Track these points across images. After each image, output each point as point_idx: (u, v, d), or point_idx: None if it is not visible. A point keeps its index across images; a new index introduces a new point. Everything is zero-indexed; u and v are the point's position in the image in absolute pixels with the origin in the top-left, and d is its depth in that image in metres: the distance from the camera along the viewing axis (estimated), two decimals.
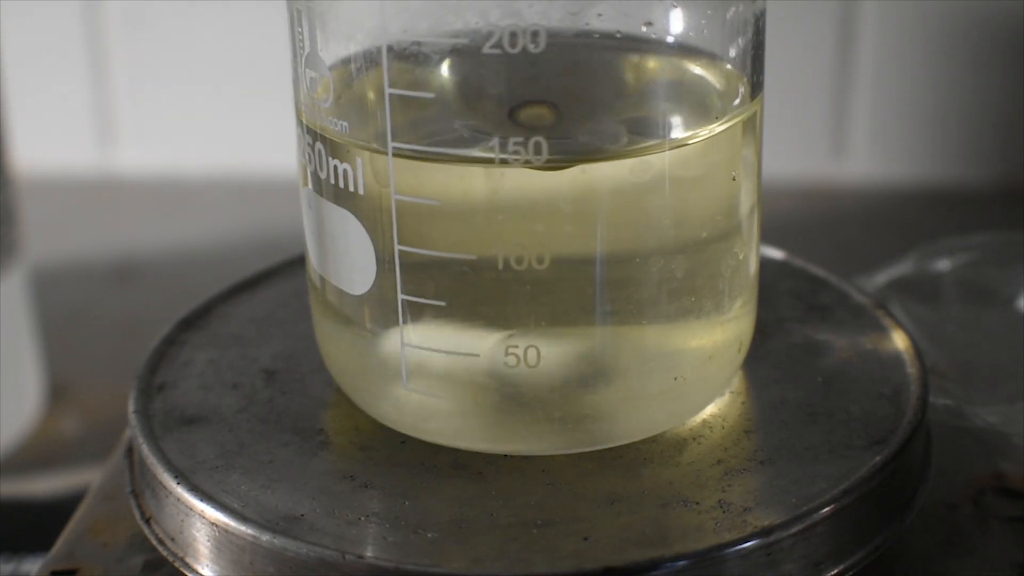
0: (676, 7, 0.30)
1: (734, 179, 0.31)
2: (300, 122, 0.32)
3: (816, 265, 0.39)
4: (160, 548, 0.31)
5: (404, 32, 0.29)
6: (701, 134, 0.30)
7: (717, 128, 0.31)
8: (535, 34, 0.28)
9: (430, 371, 0.31)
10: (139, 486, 0.32)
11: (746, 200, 0.32)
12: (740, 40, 0.31)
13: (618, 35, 0.30)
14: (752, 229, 0.33)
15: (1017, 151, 0.73)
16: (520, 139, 0.29)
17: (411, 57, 0.29)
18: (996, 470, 0.35)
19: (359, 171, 0.30)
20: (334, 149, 0.31)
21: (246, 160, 0.76)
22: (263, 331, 0.37)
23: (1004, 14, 0.71)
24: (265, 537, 0.29)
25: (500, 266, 0.29)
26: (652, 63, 0.31)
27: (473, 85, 0.29)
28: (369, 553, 0.28)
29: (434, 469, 0.31)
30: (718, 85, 0.31)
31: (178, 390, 0.34)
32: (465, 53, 0.29)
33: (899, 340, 0.35)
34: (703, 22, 0.31)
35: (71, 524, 0.34)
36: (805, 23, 0.71)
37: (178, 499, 0.30)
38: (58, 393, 0.59)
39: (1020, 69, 0.71)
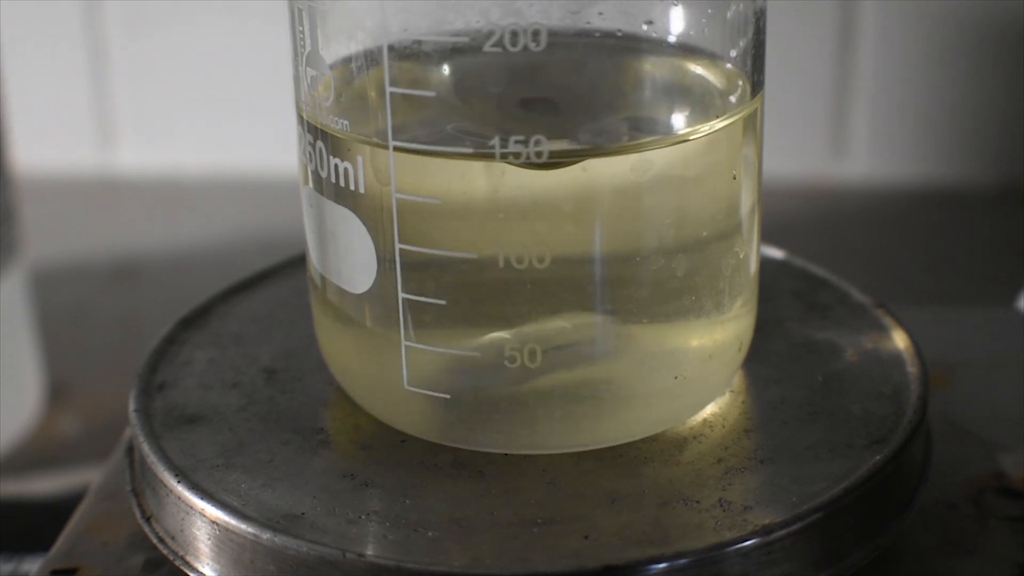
0: (677, 6, 0.30)
1: (734, 178, 0.31)
2: (301, 121, 0.32)
3: (816, 264, 0.39)
4: (160, 547, 0.31)
5: (405, 31, 0.29)
6: (701, 132, 0.30)
7: (717, 125, 0.31)
8: (536, 33, 0.28)
9: (430, 370, 0.31)
10: (139, 485, 0.32)
11: (746, 199, 0.32)
12: (741, 39, 0.31)
13: (619, 34, 0.30)
14: (752, 228, 0.33)
15: (1017, 151, 0.73)
16: (521, 137, 0.29)
17: (412, 56, 0.29)
18: (996, 470, 0.35)
19: (360, 170, 0.30)
20: (335, 147, 0.31)
21: (246, 160, 0.76)
22: (263, 330, 0.37)
23: (1004, 14, 0.71)
24: (266, 536, 0.29)
25: (501, 265, 0.29)
26: (653, 62, 0.31)
27: (474, 84, 0.29)
28: (369, 551, 0.28)
29: (434, 468, 0.31)
30: (718, 84, 0.31)
31: (178, 389, 0.34)
32: (466, 52, 0.29)
33: (899, 339, 0.35)
34: (704, 21, 0.31)
35: (71, 523, 0.34)
36: (805, 23, 0.72)
37: (179, 498, 0.30)
38: (58, 393, 0.59)
39: (1020, 69, 0.71)
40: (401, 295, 0.30)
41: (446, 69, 0.30)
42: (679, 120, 0.31)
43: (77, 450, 0.55)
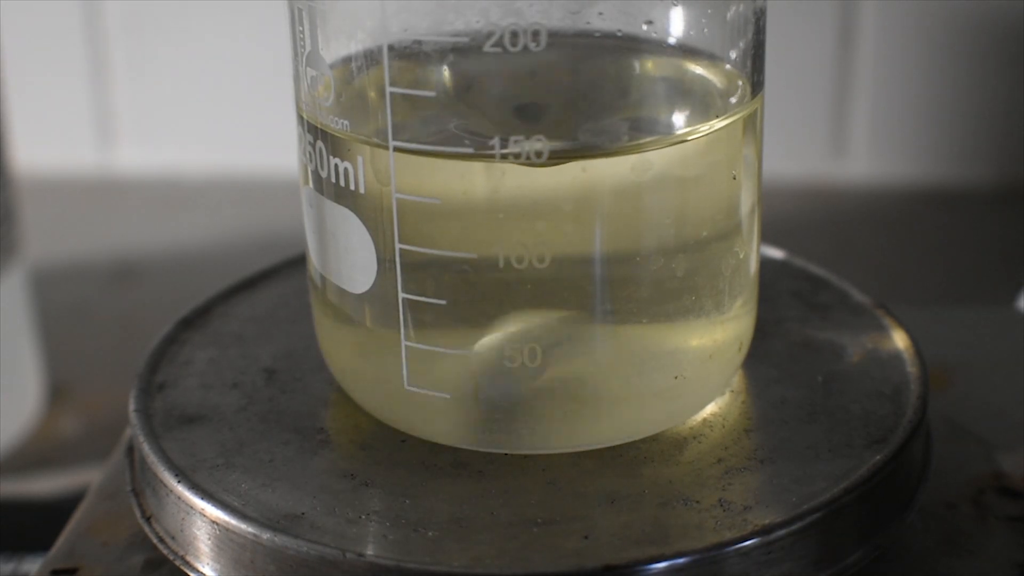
0: (677, 6, 0.30)
1: (734, 178, 0.31)
2: (301, 120, 0.32)
3: (816, 264, 0.39)
4: (160, 547, 0.31)
5: (405, 31, 0.29)
6: (701, 132, 0.30)
7: (717, 126, 0.31)
8: (536, 33, 0.28)
9: (430, 370, 0.31)
10: (139, 485, 0.32)
11: (746, 199, 0.32)
12: (740, 39, 0.31)
13: (619, 34, 0.30)
14: (752, 228, 0.33)
15: (1017, 151, 0.73)
16: (521, 137, 0.29)
17: (412, 56, 0.29)
18: (996, 469, 0.35)
19: (360, 169, 0.30)
20: (335, 147, 0.31)
21: (246, 160, 0.76)
22: (264, 330, 0.37)
23: (1004, 14, 0.71)
24: (266, 535, 0.29)
25: (500, 265, 0.29)
26: (652, 62, 0.31)
27: (474, 84, 0.29)
28: (369, 551, 0.28)
29: (434, 467, 0.31)
30: (718, 84, 0.31)
31: (179, 389, 0.34)
32: (466, 52, 0.29)
33: (899, 339, 0.35)
34: (703, 21, 0.31)
35: (71, 523, 0.34)
36: (805, 23, 0.72)
37: (179, 497, 0.30)
38: (58, 393, 0.59)
39: (1020, 69, 0.71)
40: (401, 295, 0.30)
41: (446, 69, 0.30)
42: (679, 120, 0.31)
43: (77, 450, 0.55)
